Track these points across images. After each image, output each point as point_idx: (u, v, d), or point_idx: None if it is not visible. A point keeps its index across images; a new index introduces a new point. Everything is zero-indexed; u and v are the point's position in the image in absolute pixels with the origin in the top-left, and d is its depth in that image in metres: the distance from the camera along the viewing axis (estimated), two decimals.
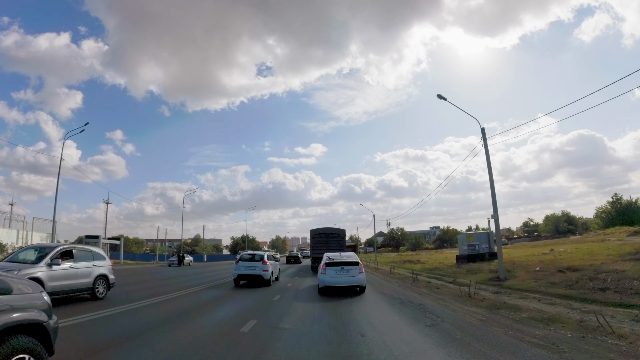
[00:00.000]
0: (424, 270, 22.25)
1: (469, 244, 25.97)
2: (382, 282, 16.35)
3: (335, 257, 12.33)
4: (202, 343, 5.32)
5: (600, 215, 59.03)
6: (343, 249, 23.62)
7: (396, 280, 17.21)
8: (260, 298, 10.90)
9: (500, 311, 7.84)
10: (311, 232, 25.91)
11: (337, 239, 24.82)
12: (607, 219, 55.74)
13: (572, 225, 65.61)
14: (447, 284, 14.46)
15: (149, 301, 9.70)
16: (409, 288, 13.48)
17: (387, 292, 12.24)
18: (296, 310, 8.63)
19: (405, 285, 14.72)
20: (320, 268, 11.97)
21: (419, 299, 10.38)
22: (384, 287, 14.06)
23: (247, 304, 9.86)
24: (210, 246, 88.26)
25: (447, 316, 7.46)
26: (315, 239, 25.24)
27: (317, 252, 23.67)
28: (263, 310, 8.54)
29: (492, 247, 26.65)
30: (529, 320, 6.84)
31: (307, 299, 10.62)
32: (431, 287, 13.38)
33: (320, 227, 26.17)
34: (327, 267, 11.58)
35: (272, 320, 7.21)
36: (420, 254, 53.32)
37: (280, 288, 13.66)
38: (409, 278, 17.38)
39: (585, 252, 22.61)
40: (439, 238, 79.15)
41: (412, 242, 77.84)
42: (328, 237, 24.79)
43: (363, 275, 11.75)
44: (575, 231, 62.89)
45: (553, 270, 13.54)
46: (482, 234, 26.87)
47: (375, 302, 10.17)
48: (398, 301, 10.04)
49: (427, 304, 9.28)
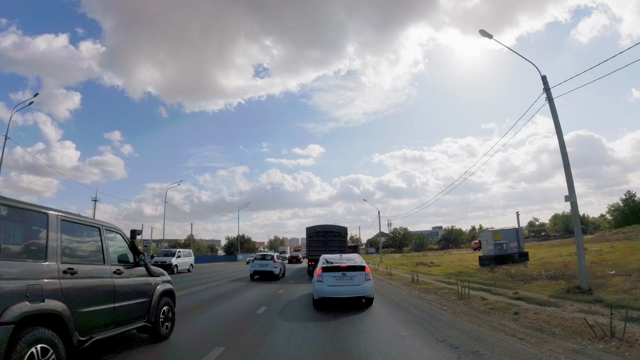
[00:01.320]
0: (448, 276, 18.99)
1: (496, 243, 23.04)
2: (417, 303, 10.03)
3: (334, 259, 9.77)
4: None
5: (613, 214, 57.20)
6: (345, 249, 20.51)
7: (433, 296, 11.19)
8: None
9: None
10: (307, 230, 22.38)
11: (337, 238, 21.52)
12: (620, 217, 54.05)
13: (582, 224, 63.11)
14: (511, 300, 9.41)
15: None
16: (474, 316, 7.76)
17: (454, 336, 5.93)
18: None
19: (456, 308, 8.92)
20: (316, 274, 9.36)
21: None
22: (431, 317, 7.72)
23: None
24: (205, 247, 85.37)
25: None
26: (312, 238, 21.86)
27: (314, 253, 20.63)
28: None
29: (522, 246, 23.88)
30: None
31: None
32: (504, 311, 8.01)
33: (318, 225, 22.54)
34: (324, 272, 9.04)
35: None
36: (428, 255, 50.51)
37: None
38: (444, 290, 12.31)
39: (628, 250, 20.03)
40: (444, 238, 76.44)
41: (415, 243, 74.98)
42: (327, 235, 21.43)
43: (370, 284, 9.16)
44: (586, 230, 60.71)
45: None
46: (510, 231, 23.94)
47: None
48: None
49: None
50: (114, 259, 4.60)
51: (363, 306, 9.07)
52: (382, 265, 30.30)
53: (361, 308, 8.87)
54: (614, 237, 36.11)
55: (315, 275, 9.48)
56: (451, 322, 7.10)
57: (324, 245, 20.79)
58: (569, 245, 35.22)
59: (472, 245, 58.43)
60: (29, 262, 3.25)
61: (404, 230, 77.80)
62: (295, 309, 9.18)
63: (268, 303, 10.03)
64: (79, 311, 3.62)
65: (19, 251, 3.33)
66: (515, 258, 22.31)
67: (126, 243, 5.06)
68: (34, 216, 3.51)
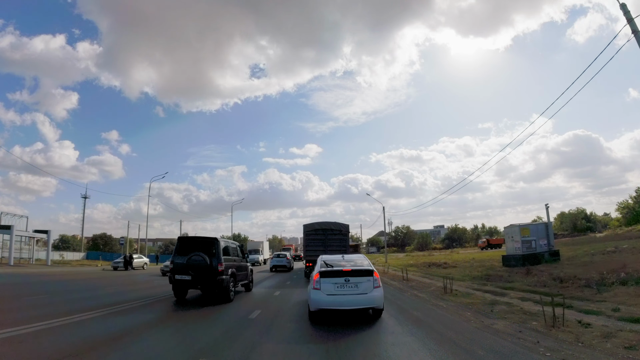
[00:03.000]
0: (478, 280, 15.37)
1: (524, 240, 20.62)
2: (493, 343, 5.61)
3: (335, 261, 8.02)
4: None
5: (622, 211, 55.60)
6: (347, 249, 18.15)
7: (503, 323, 7.20)
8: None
9: None
10: (305, 227, 20.04)
11: (338, 236, 19.23)
12: (630, 215, 52.44)
13: (591, 222, 61.56)
14: (634, 326, 6.19)
15: None
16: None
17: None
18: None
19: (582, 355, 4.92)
20: (312, 280, 7.62)
21: None
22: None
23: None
24: None
25: None
26: (310, 237, 19.53)
27: (311, 253, 18.26)
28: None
29: (552, 243, 21.45)
30: None
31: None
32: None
33: (317, 222, 20.20)
34: (322, 278, 7.38)
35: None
36: (434, 255, 48.15)
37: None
38: (500, 306, 8.92)
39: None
40: (448, 237, 74.18)
41: (418, 242, 72.58)
42: (326, 234, 19.20)
43: (380, 292, 7.48)
44: (594, 229, 59.00)
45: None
46: (539, 226, 21.48)
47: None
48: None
49: None
50: (240, 254, 13.04)
51: (376, 323, 7.20)
52: (391, 267, 27.54)
53: (373, 325, 6.95)
54: (631, 235, 34.06)
55: (311, 281, 7.68)
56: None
57: (322, 244, 18.70)
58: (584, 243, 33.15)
59: (480, 244, 56.40)
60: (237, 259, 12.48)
61: (406, 229, 75.41)
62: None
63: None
64: (237, 273, 11.84)
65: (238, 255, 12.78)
66: (545, 257, 19.92)
67: (240, 249, 13.30)
68: (236, 246, 12.99)
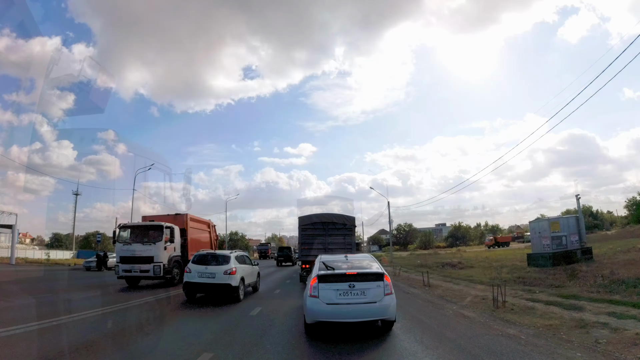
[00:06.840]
0: (509, 284, 13.81)
1: (554, 236, 18.74)
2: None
3: (337, 263, 6.61)
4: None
5: (631, 208, 54.60)
6: (352, 248, 15.21)
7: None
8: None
9: None
10: (300, 220, 16.47)
11: (342, 231, 15.83)
12: (639, 212, 51.48)
13: (599, 220, 60.34)
14: None
15: None
16: None
17: None
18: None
19: None
20: (309, 285, 6.25)
21: None
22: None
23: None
24: None
25: None
26: (307, 232, 16.10)
27: (308, 252, 15.40)
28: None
29: (585, 239, 19.57)
30: None
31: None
32: None
33: (315, 214, 16.75)
34: (322, 283, 6.06)
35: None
36: (440, 253, 46.38)
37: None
38: (601, 331, 6.08)
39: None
40: (452, 235, 72.65)
41: (422, 240, 70.99)
42: (327, 228, 15.89)
43: (392, 300, 6.09)
44: (602, 227, 57.88)
45: None
46: (570, 220, 19.41)
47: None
48: None
49: None
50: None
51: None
52: (402, 269, 25.00)
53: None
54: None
55: (308, 287, 6.33)
56: None
57: (322, 241, 15.70)
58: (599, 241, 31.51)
59: (487, 242, 55.01)
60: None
61: (408, 227, 73.75)
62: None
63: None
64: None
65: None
66: (577, 256, 18.03)
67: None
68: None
